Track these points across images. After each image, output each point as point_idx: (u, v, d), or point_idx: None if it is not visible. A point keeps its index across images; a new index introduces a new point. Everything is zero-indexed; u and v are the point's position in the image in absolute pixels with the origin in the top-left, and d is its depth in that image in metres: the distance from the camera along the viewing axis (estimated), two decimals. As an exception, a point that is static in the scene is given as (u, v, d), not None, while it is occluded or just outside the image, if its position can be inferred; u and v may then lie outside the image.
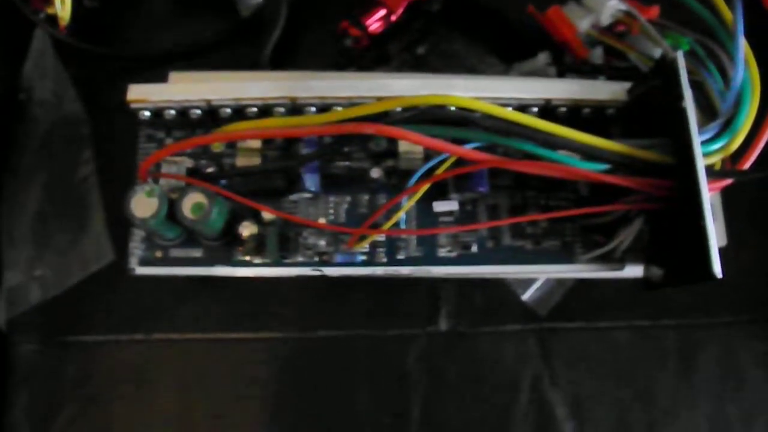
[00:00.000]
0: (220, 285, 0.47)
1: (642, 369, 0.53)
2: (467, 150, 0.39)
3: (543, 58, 0.53)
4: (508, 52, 0.56)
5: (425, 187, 0.42)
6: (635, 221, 0.42)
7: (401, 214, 0.43)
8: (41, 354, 0.52)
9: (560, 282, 0.53)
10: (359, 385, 0.52)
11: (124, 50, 0.57)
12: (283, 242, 0.43)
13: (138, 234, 0.44)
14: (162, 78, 0.45)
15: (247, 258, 0.43)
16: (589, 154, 0.39)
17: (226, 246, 0.44)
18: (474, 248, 0.44)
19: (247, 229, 0.42)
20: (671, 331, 0.53)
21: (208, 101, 0.43)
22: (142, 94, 0.43)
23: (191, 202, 0.40)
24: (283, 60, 0.56)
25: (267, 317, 0.53)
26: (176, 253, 0.44)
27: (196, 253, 0.44)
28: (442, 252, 0.44)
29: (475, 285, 0.53)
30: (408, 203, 0.43)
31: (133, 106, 0.43)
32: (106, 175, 0.53)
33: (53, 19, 0.54)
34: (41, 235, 0.52)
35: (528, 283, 0.53)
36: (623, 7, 0.51)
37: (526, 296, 0.52)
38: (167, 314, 0.52)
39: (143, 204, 0.40)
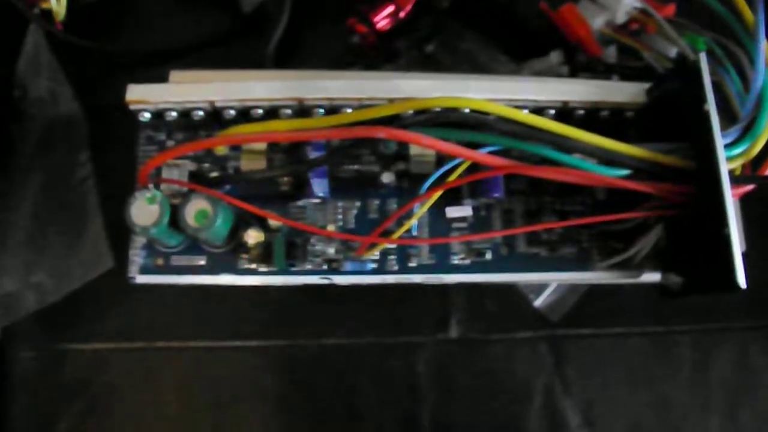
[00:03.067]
0: (224, 291, 0.46)
1: (656, 375, 0.52)
2: (482, 155, 0.38)
3: (555, 56, 0.51)
4: (519, 50, 0.54)
5: (438, 194, 0.40)
6: (654, 228, 0.41)
7: (413, 222, 0.41)
8: (39, 362, 0.51)
9: (573, 288, 0.52)
10: (367, 393, 0.51)
11: (122, 46, 0.56)
12: (290, 249, 0.42)
13: (138, 241, 0.43)
14: (162, 76, 0.44)
15: (253, 266, 0.42)
16: (608, 158, 0.38)
17: (231, 253, 0.42)
18: (488, 255, 0.43)
19: (252, 237, 0.41)
20: (685, 336, 0.53)
21: (212, 102, 0.41)
22: (142, 95, 0.41)
23: (195, 209, 0.38)
24: (287, 57, 0.55)
25: (272, 324, 0.51)
26: (178, 261, 0.42)
27: (200, 261, 0.42)
28: (455, 259, 0.43)
29: (486, 291, 0.52)
30: (420, 211, 0.41)
31: (133, 107, 0.41)
32: (105, 178, 0.52)
33: (48, 14, 0.52)
34: (38, 239, 0.50)
35: (540, 288, 0.51)
36: (638, 4, 0.49)
37: (538, 302, 0.51)
38: (168, 321, 0.51)
39: (144, 211, 0.38)
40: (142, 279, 0.42)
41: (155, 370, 0.51)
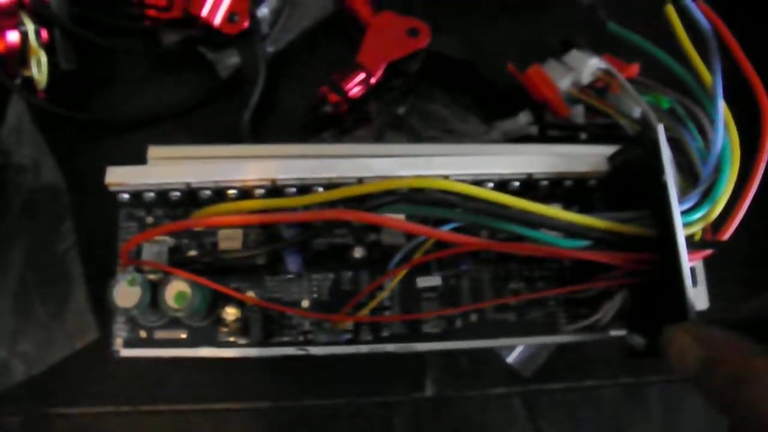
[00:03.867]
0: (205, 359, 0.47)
1: (628, 425, 0.53)
2: (449, 234, 0.39)
3: (524, 117, 0.53)
4: (488, 111, 0.56)
5: (405, 270, 0.42)
6: (618, 294, 0.42)
7: (384, 295, 0.42)
8: (25, 427, 0.51)
9: (543, 345, 0.53)
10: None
11: (103, 113, 0.57)
12: (266, 323, 0.43)
13: (120, 317, 0.44)
14: (141, 143, 0.45)
15: (232, 339, 0.43)
16: (571, 231, 0.39)
17: (211, 326, 0.44)
18: (458, 323, 0.44)
19: (230, 314, 0.42)
20: (655, 387, 0.54)
21: (188, 184, 0.42)
22: (120, 178, 0.42)
23: (174, 291, 0.40)
24: (263, 119, 0.56)
25: (253, 387, 0.52)
26: (161, 334, 0.44)
27: (181, 334, 0.43)
28: (427, 328, 0.44)
29: (460, 349, 0.52)
30: (390, 285, 0.42)
31: (112, 189, 0.43)
32: (87, 247, 0.53)
33: (30, 82, 0.53)
34: (23, 306, 0.51)
35: (512, 346, 0.52)
36: (603, 65, 0.51)
37: (510, 359, 0.52)
38: (153, 386, 0.52)
39: (125, 293, 0.40)
40: (126, 353, 0.44)
41: (139, 432, 0.52)
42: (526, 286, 0.45)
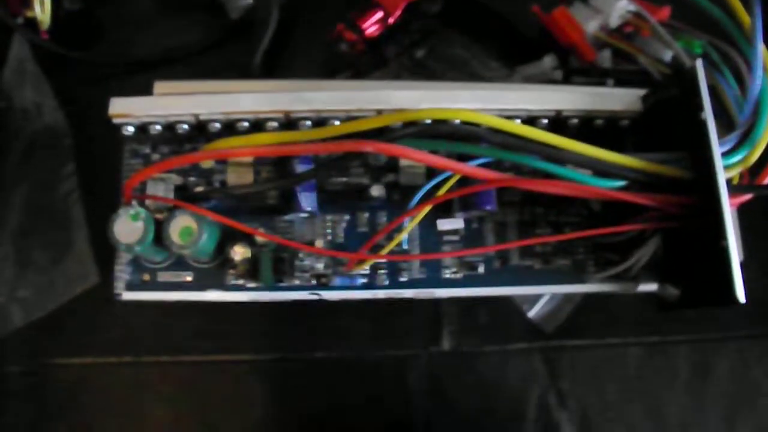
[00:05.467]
0: (213, 305, 0.45)
1: (652, 386, 0.51)
2: (474, 168, 0.37)
3: (548, 61, 0.51)
4: (511, 56, 0.53)
5: (427, 208, 0.39)
6: (651, 240, 0.40)
7: (403, 236, 0.40)
8: (25, 377, 0.50)
9: (567, 298, 0.51)
10: (358, 407, 0.50)
11: (107, 55, 0.55)
12: (277, 265, 0.41)
13: (124, 256, 0.42)
14: (147, 85, 0.43)
15: (240, 282, 0.41)
16: (603, 170, 0.37)
17: (218, 268, 0.42)
18: (480, 269, 0.42)
19: (239, 253, 0.40)
20: (682, 346, 0.52)
21: (196, 115, 0.40)
22: (125, 109, 0.40)
23: (179, 226, 0.38)
24: (274, 64, 0.54)
25: (261, 339, 0.50)
26: (165, 277, 0.42)
27: (186, 276, 0.42)
28: (447, 273, 0.42)
29: (479, 303, 0.51)
30: (410, 225, 0.40)
31: (116, 121, 0.40)
32: (90, 190, 0.51)
33: (33, 23, 0.51)
34: (23, 252, 0.50)
35: (534, 299, 0.51)
36: (633, 7, 0.49)
37: (532, 313, 0.50)
38: (156, 336, 0.50)
39: (128, 228, 0.37)
40: (128, 296, 0.42)
41: (143, 385, 0.50)
42: (553, 231, 0.42)
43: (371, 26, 0.51)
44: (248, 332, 0.50)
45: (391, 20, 0.52)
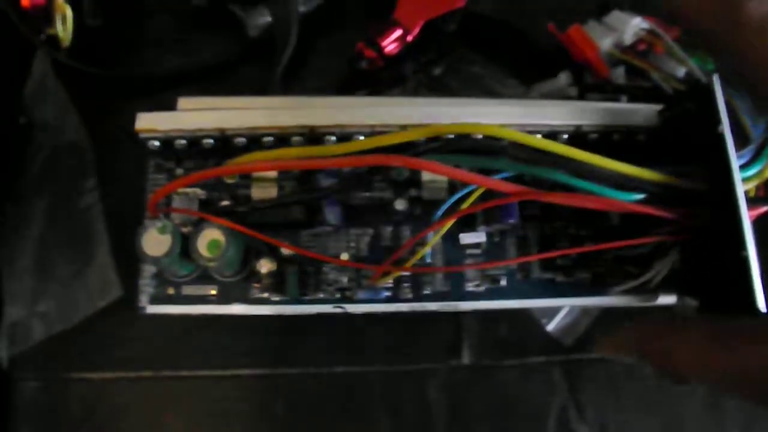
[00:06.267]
0: (233, 319, 0.45)
1: (670, 398, 0.52)
2: (497, 181, 0.37)
3: (564, 78, 0.51)
4: (527, 73, 0.54)
5: (451, 222, 0.40)
6: (670, 252, 0.40)
7: (427, 249, 0.41)
8: (44, 392, 0.50)
9: (586, 311, 0.51)
10: (378, 421, 0.50)
11: (127, 72, 0.55)
12: (302, 278, 0.41)
13: (148, 270, 0.42)
14: (169, 102, 0.43)
15: (265, 295, 0.41)
16: (622, 183, 0.37)
17: (243, 282, 0.42)
18: (503, 282, 0.42)
19: (265, 266, 0.40)
20: (700, 359, 0.51)
21: (222, 130, 0.40)
22: (151, 123, 0.40)
23: (207, 239, 0.38)
24: (293, 82, 0.54)
25: (281, 352, 0.51)
26: (189, 290, 0.42)
27: (211, 290, 0.42)
28: (470, 286, 0.42)
29: (498, 316, 0.52)
30: (434, 239, 0.41)
31: (142, 135, 0.41)
32: (112, 205, 0.52)
33: (55, 40, 0.52)
34: (44, 265, 0.50)
35: (553, 312, 0.51)
36: (646, 25, 0.49)
37: (551, 327, 0.51)
38: (176, 351, 0.50)
39: (155, 241, 0.38)
40: (152, 309, 0.42)
41: (162, 400, 0.50)
42: (574, 245, 0.43)
43: (390, 44, 0.52)
44: (268, 347, 0.51)
45: (409, 38, 0.52)
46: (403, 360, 0.51)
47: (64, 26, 0.51)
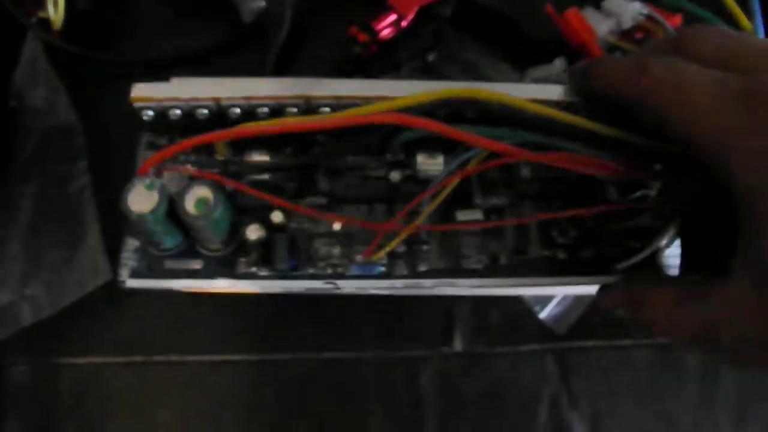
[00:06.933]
0: (223, 303, 0.45)
1: (663, 387, 0.52)
2: (498, 143, 0.37)
3: (559, 64, 0.51)
4: (521, 60, 0.54)
5: (456, 181, 0.38)
6: (671, 224, 0.39)
7: (432, 208, 0.39)
8: (33, 376, 0.49)
9: (579, 299, 0.51)
10: (370, 408, 0.50)
11: (120, 55, 0.55)
12: (292, 252, 0.40)
13: (131, 244, 0.40)
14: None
15: (253, 270, 0.40)
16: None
17: (229, 256, 0.40)
18: (503, 260, 0.41)
19: (254, 233, 0.39)
20: (692, 348, 0.52)
21: (217, 99, 0.40)
22: (147, 92, 0.40)
23: (195, 197, 0.37)
24: (286, 68, 0.54)
25: (271, 337, 0.51)
26: (173, 264, 0.40)
27: (195, 264, 0.40)
28: (468, 264, 0.41)
29: (491, 303, 0.51)
30: (440, 196, 0.39)
31: (137, 104, 0.40)
32: (102, 188, 0.51)
33: (46, 23, 0.52)
34: (33, 250, 0.50)
35: (546, 300, 0.51)
36: (646, 11, 0.49)
37: (543, 314, 0.51)
38: (166, 335, 0.50)
39: (142, 197, 0.36)
40: (133, 283, 0.40)
41: (152, 384, 0.50)
42: (572, 224, 0.42)
43: (384, 29, 0.52)
44: (258, 332, 0.50)
45: (404, 23, 0.52)
46: (396, 347, 0.51)
47: (55, 9, 0.51)
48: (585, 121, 0.37)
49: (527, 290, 0.49)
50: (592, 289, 0.42)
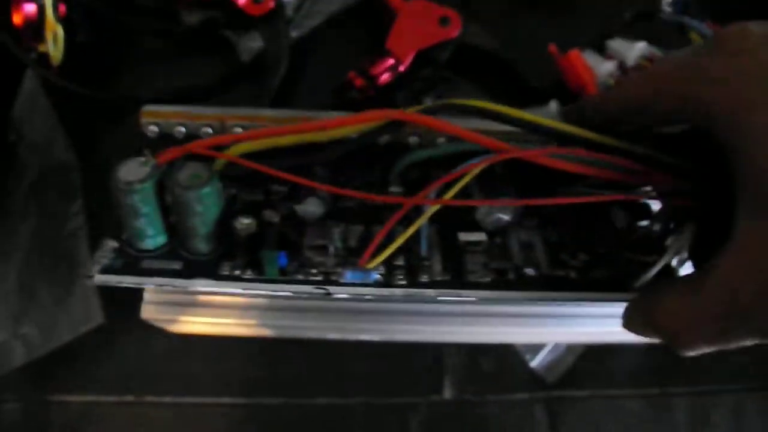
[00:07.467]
0: (216, 345, 0.44)
1: (652, 437, 0.51)
2: (495, 140, 0.37)
3: (554, 105, 0.51)
4: (516, 101, 0.54)
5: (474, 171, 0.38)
6: (685, 228, 0.38)
7: (423, 220, 0.38)
8: (24, 413, 0.49)
9: (570, 348, 0.51)
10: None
11: (118, 93, 0.55)
12: (283, 246, 0.38)
13: (109, 244, 0.38)
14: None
15: (237, 272, 0.38)
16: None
17: (214, 259, 0.38)
18: (510, 276, 0.39)
19: (244, 225, 0.37)
20: (681, 399, 0.52)
21: (222, 119, 0.40)
22: (156, 109, 0.41)
23: (189, 171, 0.36)
24: (283, 106, 0.53)
25: (262, 381, 0.50)
26: (151, 264, 0.38)
27: (175, 264, 0.38)
28: (473, 278, 0.39)
29: (482, 350, 0.51)
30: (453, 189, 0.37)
31: (144, 121, 0.41)
32: (97, 228, 0.51)
33: (45, 58, 0.52)
34: (28, 289, 0.49)
35: (537, 348, 0.51)
36: (652, 49, 0.50)
37: (535, 363, 0.50)
38: (158, 376, 0.50)
39: (133, 169, 0.35)
40: (102, 279, 0.37)
41: (143, 424, 0.49)
42: (579, 250, 0.40)
43: (382, 73, 0.53)
44: (250, 375, 0.50)
45: (401, 68, 0.53)
46: (386, 393, 0.50)
47: (55, 45, 0.51)
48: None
49: (520, 336, 0.48)
50: (583, 338, 0.41)
